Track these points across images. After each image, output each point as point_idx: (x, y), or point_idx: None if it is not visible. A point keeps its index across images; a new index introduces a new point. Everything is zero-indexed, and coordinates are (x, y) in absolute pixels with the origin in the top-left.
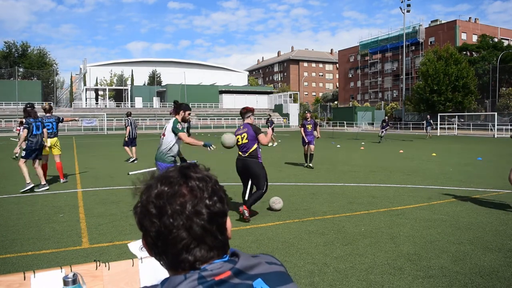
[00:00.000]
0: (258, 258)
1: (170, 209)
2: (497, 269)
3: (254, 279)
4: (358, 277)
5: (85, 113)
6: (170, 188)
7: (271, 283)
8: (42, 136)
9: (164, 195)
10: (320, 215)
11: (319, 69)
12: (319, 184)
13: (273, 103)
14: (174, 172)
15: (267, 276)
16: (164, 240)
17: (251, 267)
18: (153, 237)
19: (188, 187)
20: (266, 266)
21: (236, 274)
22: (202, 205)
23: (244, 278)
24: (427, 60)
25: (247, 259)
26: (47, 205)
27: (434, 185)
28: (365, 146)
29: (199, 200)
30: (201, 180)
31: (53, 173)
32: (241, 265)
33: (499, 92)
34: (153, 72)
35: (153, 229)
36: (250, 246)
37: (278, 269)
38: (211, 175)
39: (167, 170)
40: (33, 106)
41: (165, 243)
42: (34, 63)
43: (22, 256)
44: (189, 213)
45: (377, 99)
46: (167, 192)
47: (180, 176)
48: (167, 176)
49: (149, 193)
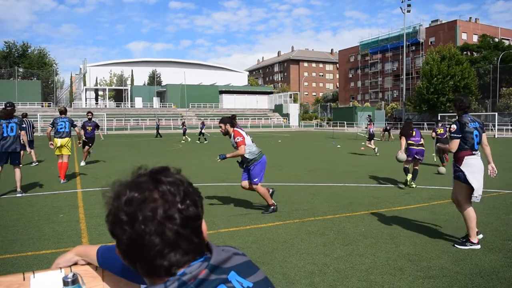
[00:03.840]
0: (226, 250)
1: (141, 215)
2: (497, 270)
3: (228, 272)
4: (359, 278)
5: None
6: (140, 194)
7: (243, 274)
8: (18, 138)
9: (134, 201)
10: (320, 216)
11: (319, 69)
12: (319, 185)
13: (273, 103)
14: (144, 177)
15: (239, 268)
16: (137, 247)
17: (224, 260)
18: (126, 244)
19: (159, 192)
20: (236, 258)
21: (212, 270)
22: (175, 210)
23: (219, 273)
24: (431, 60)
25: (219, 253)
26: (47, 205)
27: (434, 185)
28: (365, 147)
29: (170, 205)
30: (172, 184)
31: (54, 175)
32: (215, 260)
33: (500, 92)
34: (153, 72)
35: (125, 236)
36: (250, 247)
37: (246, 259)
38: (183, 178)
39: (137, 176)
40: (12, 106)
41: (138, 250)
42: (34, 63)
43: (22, 256)
44: (161, 219)
45: (377, 99)
46: (137, 198)
47: (150, 181)
48: (137, 182)
49: (119, 201)
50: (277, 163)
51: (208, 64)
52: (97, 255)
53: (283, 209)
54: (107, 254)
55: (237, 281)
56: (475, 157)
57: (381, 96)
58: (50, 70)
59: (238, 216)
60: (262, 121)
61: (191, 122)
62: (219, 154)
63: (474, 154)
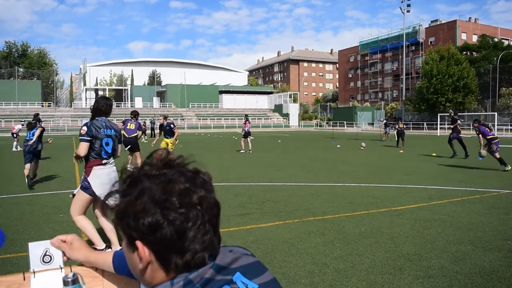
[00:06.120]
0: (234, 251)
1: (195, 200)
2: (497, 269)
3: (234, 273)
4: (358, 277)
5: (85, 113)
6: (189, 183)
7: (249, 275)
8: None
9: (188, 188)
10: (320, 215)
11: (319, 69)
12: (319, 184)
13: (273, 103)
14: (180, 168)
15: (245, 269)
16: (186, 235)
17: (230, 261)
18: (176, 231)
19: (196, 181)
20: (243, 259)
21: (217, 270)
22: (213, 199)
23: (225, 274)
24: (430, 59)
25: (225, 253)
26: (47, 205)
27: (434, 185)
28: (365, 146)
29: (208, 194)
30: (205, 174)
31: (55, 175)
32: (221, 260)
33: (499, 92)
34: (153, 72)
35: (178, 221)
36: (250, 246)
37: (253, 260)
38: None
39: (166, 166)
40: (36, 120)
41: (187, 238)
42: (34, 63)
43: (22, 256)
44: (208, 205)
45: (377, 99)
46: (188, 186)
47: (189, 172)
48: (181, 172)
49: (172, 187)
50: (277, 163)
51: (208, 64)
52: (114, 262)
53: (283, 209)
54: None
55: (242, 282)
56: (103, 167)
57: (381, 96)
58: (50, 70)
59: (238, 216)
60: (262, 121)
61: (191, 122)
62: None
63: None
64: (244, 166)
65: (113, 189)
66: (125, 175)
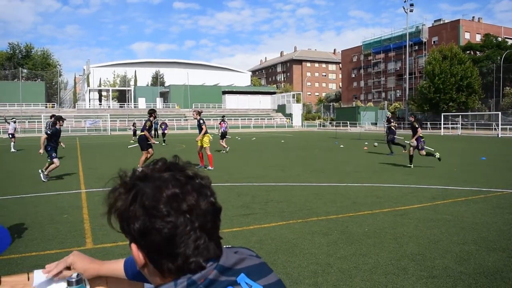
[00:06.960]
0: (240, 252)
1: (184, 207)
2: (501, 269)
3: (238, 274)
4: (362, 277)
5: (88, 114)
6: (179, 188)
7: (253, 276)
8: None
9: (174, 195)
10: (323, 216)
11: (322, 69)
12: (322, 184)
13: (276, 103)
14: (174, 171)
15: (249, 270)
16: (174, 241)
17: (234, 262)
18: (164, 238)
19: (193, 185)
20: (248, 260)
21: (221, 271)
22: (208, 204)
23: (229, 275)
24: (433, 59)
25: (229, 254)
26: (51, 205)
27: (438, 185)
28: (368, 146)
29: (205, 198)
30: (203, 178)
31: (57, 175)
32: (224, 261)
33: (503, 91)
34: (156, 72)
35: (165, 230)
36: (253, 247)
37: (258, 261)
38: (202, 173)
39: (163, 169)
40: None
41: (174, 244)
42: (38, 64)
43: (26, 256)
44: (200, 211)
45: (380, 99)
46: (175, 192)
47: (183, 176)
48: (172, 176)
49: (160, 194)
50: (280, 163)
51: (211, 65)
52: (126, 269)
53: (287, 209)
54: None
55: (246, 283)
56: None
57: (384, 96)
58: (53, 71)
59: (241, 216)
60: (265, 121)
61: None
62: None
63: None
64: (248, 166)
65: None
66: (124, 178)
